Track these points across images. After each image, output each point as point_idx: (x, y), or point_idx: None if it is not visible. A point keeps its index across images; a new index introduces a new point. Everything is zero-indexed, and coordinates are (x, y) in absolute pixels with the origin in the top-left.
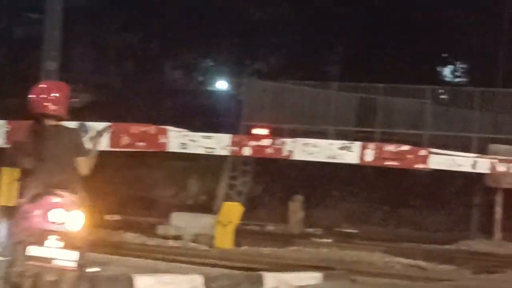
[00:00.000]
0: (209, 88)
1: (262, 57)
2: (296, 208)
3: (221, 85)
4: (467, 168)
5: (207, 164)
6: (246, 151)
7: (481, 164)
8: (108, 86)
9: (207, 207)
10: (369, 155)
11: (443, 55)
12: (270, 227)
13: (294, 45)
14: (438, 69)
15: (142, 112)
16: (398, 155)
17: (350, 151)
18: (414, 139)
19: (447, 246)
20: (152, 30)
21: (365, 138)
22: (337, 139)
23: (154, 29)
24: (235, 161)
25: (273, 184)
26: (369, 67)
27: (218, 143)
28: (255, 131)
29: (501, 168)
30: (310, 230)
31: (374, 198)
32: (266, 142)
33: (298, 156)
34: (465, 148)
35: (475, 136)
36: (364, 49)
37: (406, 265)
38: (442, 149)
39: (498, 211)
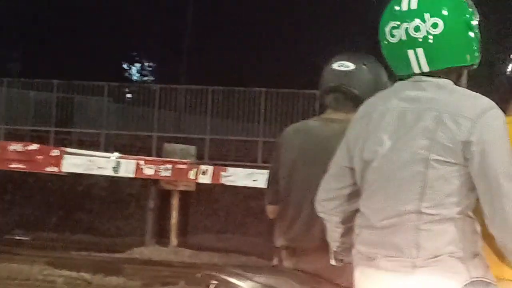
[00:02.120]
0: None
1: None
2: None
3: None
4: (109, 172)
5: None
6: None
7: (126, 166)
8: None
9: None
10: None
11: (129, 53)
12: None
13: None
14: (125, 66)
15: None
16: (26, 156)
17: None
18: (94, 138)
19: (119, 255)
20: None
21: (41, 138)
22: (9, 139)
23: None
24: None
25: None
26: (47, 64)
27: None
28: None
29: (148, 171)
30: None
31: (49, 202)
32: None
33: None
34: (146, 148)
35: (155, 135)
36: (44, 46)
37: (69, 278)
38: (122, 149)
39: (174, 216)
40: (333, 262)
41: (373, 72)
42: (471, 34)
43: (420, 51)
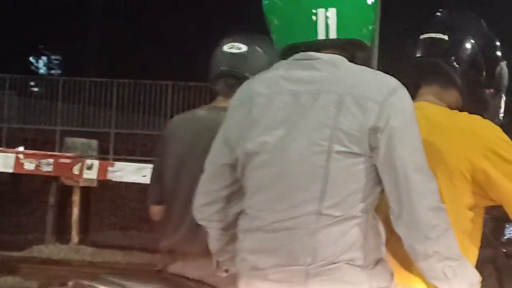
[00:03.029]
0: None
1: None
2: None
3: None
4: None
5: None
6: None
7: (4, 160)
8: None
9: None
10: None
11: (34, 45)
12: None
13: None
14: (29, 59)
15: None
16: None
17: None
18: None
19: (17, 253)
20: None
21: None
22: None
23: None
24: None
25: None
26: None
27: None
28: None
29: (29, 165)
30: None
31: None
32: None
33: None
34: (50, 142)
35: (58, 129)
36: None
37: None
38: (24, 144)
39: (75, 213)
40: (218, 272)
41: (268, 54)
42: (375, 10)
43: (332, 12)
